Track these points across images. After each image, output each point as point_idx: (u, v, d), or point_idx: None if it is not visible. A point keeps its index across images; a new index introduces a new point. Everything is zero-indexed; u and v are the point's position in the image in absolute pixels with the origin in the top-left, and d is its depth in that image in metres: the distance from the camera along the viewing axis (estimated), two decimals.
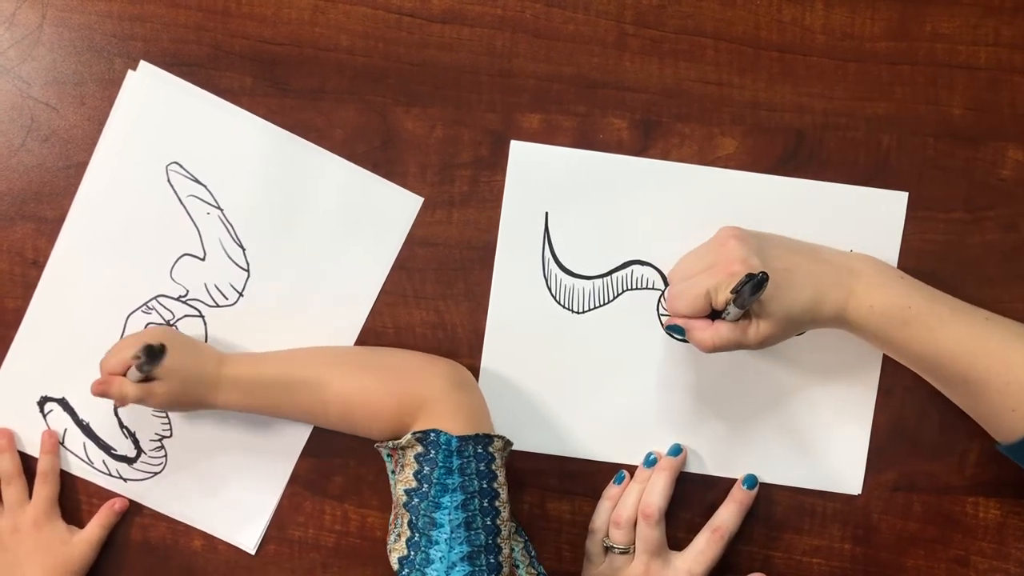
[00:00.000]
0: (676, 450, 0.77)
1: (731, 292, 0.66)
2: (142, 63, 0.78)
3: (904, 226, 0.77)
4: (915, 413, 0.78)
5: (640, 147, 0.78)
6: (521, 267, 0.79)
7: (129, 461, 0.81)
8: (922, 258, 0.77)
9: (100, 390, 0.72)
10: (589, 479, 0.79)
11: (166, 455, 0.80)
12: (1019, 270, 0.77)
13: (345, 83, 0.78)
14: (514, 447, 0.79)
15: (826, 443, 0.78)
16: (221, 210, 0.78)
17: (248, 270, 0.79)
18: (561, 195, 0.78)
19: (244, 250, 0.79)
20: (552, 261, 0.79)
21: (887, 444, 0.78)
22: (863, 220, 0.77)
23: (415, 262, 0.79)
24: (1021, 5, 0.77)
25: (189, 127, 0.79)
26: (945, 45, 0.77)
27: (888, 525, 0.79)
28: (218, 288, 0.79)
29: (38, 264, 0.80)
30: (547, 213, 0.78)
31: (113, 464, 0.81)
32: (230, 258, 0.79)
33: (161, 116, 0.79)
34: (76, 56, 0.79)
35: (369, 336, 0.79)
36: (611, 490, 0.78)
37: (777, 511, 0.79)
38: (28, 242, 0.80)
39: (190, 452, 0.80)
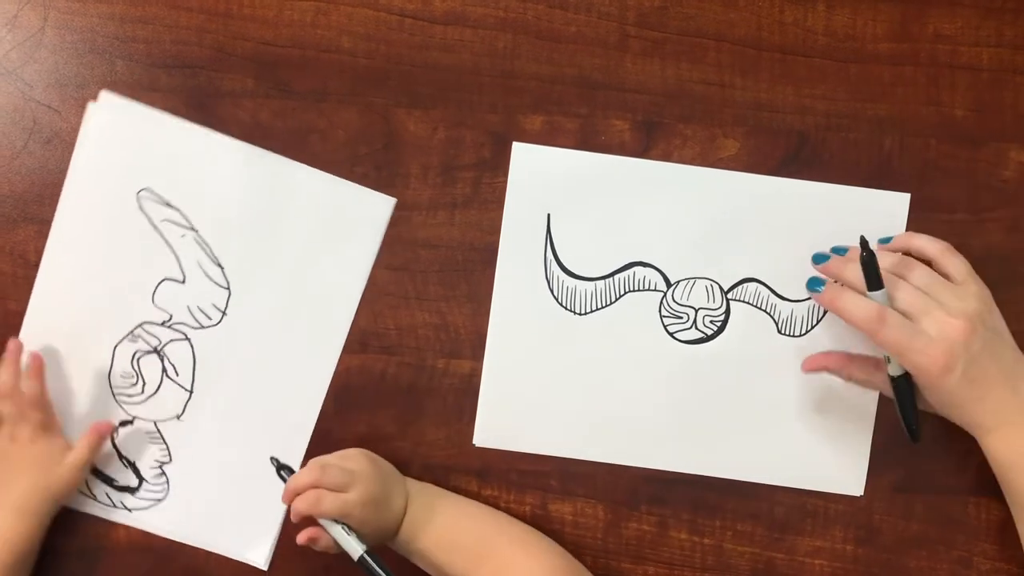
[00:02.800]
0: None
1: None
2: (102, 93, 0.78)
3: (906, 227, 0.77)
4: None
5: (642, 148, 0.78)
6: (523, 269, 0.79)
7: (132, 491, 0.80)
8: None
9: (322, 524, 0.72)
10: (591, 481, 0.79)
11: (168, 481, 0.80)
12: (1022, 272, 0.77)
13: (347, 85, 0.78)
14: (516, 448, 0.79)
15: (828, 444, 0.78)
16: (196, 231, 0.78)
17: (229, 288, 0.79)
18: (563, 197, 0.78)
19: (223, 268, 0.79)
20: (554, 262, 0.79)
21: (889, 445, 0.78)
22: (865, 221, 0.77)
23: (417, 264, 0.79)
24: (1023, 6, 0.77)
25: (156, 152, 0.79)
26: (947, 46, 0.77)
27: (890, 526, 0.79)
28: (201, 309, 0.79)
29: (40, 266, 0.80)
30: (549, 215, 0.78)
31: (116, 495, 0.80)
32: (209, 278, 0.79)
33: (127, 144, 0.79)
34: (78, 58, 0.79)
35: (371, 338, 0.79)
36: None
37: (779, 512, 0.79)
38: (30, 244, 0.80)
39: (192, 475, 0.80)
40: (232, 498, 0.80)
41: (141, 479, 0.80)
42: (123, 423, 0.80)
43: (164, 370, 0.80)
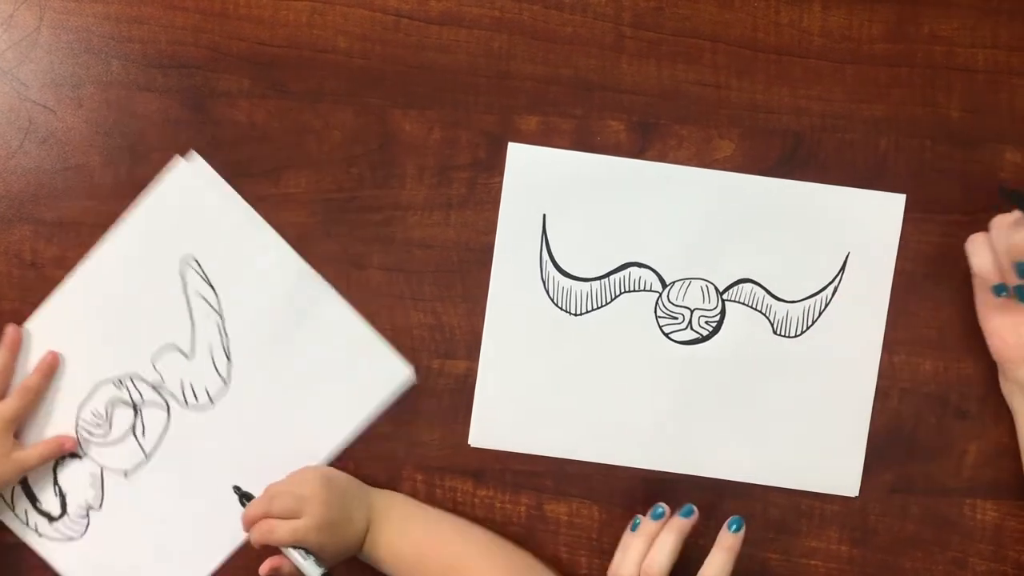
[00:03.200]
0: (688, 511, 0.74)
1: None
2: (193, 155, 0.78)
3: (902, 228, 0.77)
4: (912, 415, 0.78)
5: (638, 149, 0.78)
6: (519, 269, 0.79)
7: (50, 519, 0.80)
8: (919, 260, 0.77)
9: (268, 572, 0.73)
10: (586, 481, 0.79)
11: (88, 525, 0.80)
12: None
13: (343, 85, 0.78)
14: (511, 449, 0.79)
15: (824, 445, 0.78)
16: (221, 318, 0.78)
17: (227, 384, 0.79)
18: (559, 197, 0.78)
19: (230, 363, 0.79)
20: (550, 263, 0.79)
21: (884, 446, 0.78)
22: (861, 222, 0.77)
23: (413, 264, 0.79)
24: (1019, 7, 0.77)
25: (217, 228, 0.79)
26: (943, 47, 0.77)
27: (886, 527, 0.79)
28: (193, 390, 0.79)
29: (36, 265, 0.80)
30: (545, 215, 0.78)
31: (34, 516, 0.80)
32: (215, 366, 0.79)
33: (196, 208, 0.79)
34: (74, 58, 0.79)
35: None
36: (626, 539, 0.75)
37: (775, 513, 0.79)
38: (26, 244, 0.80)
39: (112, 531, 0.80)
40: (140, 568, 0.80)
41: (64, 512, 0.80)
42: (72, 455, 0.80)
43: (133, 427, 0.80)
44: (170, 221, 0.79)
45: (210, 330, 0.79)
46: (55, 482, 0.80)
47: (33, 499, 0.80)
